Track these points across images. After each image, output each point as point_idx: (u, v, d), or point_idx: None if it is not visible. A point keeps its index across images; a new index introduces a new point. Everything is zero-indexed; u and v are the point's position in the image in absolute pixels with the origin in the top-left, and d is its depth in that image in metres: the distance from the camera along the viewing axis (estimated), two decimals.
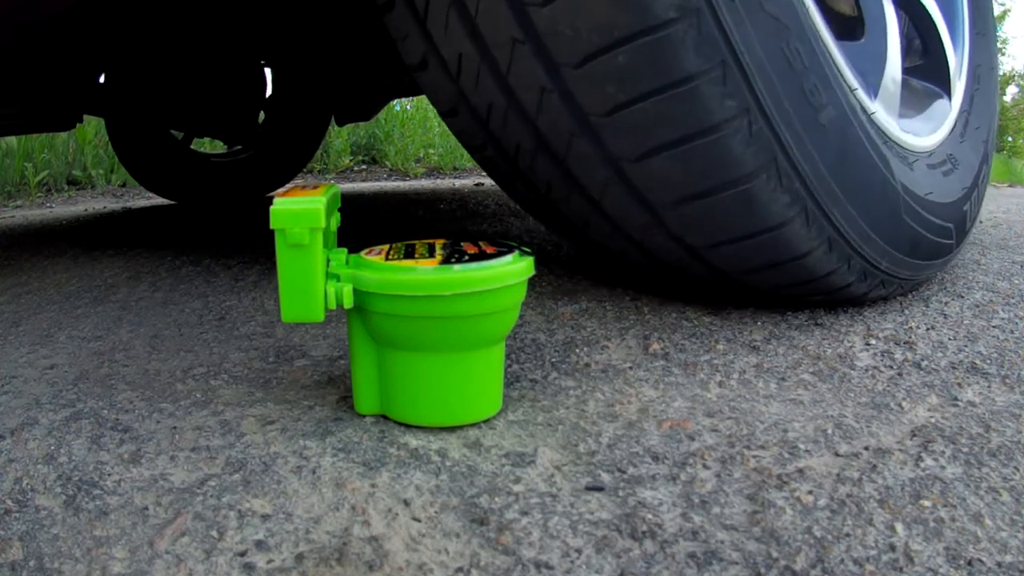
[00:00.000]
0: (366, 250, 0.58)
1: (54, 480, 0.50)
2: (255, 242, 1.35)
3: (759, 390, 0.63)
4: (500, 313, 0.54)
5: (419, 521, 0.45)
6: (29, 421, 0.58)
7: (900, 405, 0.60)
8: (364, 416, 0.58)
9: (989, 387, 0.63)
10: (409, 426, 0.56)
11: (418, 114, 4.05)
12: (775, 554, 0.41)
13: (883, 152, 0.74)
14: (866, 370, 0.67)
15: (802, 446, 0.53)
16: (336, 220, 0.61)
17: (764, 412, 0.58)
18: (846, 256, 0.73)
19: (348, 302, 0.52)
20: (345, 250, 0.58)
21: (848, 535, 0.42)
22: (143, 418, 0.59)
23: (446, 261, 0.52)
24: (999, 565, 0.40)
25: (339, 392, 0.63)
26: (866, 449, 0.52)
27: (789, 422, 0.56)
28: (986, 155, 1.04)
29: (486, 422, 0.57)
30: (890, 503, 0.45)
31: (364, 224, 1.55)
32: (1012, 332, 0.76)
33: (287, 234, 0.50)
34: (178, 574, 0.40)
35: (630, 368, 0.68)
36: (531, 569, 0.40)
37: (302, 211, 0.50)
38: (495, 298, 0.52)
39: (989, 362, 0.68)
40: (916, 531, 0.43)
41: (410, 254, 0.55)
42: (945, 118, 0.96)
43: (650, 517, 0.44)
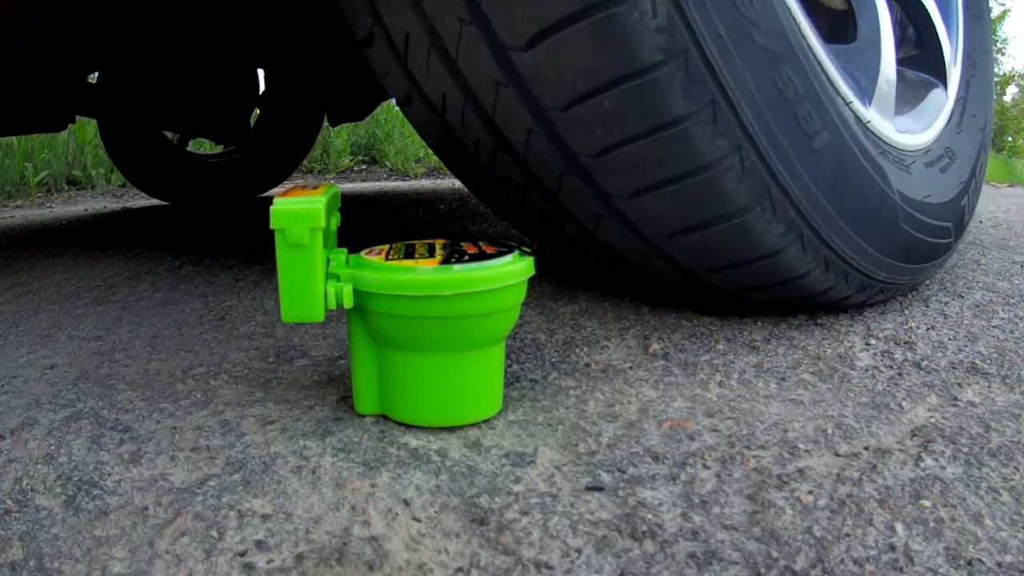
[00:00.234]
0: (366, 250, 0.58)
1: (54, 480, 0.50)
2: (255, 242, 1.35)
3: (759, 390, 0.63)
4: (500, 313, 0.54)
5: (419, 521, 0.45)
6: (29, 421, 0.58)
7: (900, 405, 0.60)
8: (364, 416, 0.58)
9: (989, 387, 0.63)
10: (409, 426, 0.56)
11: None
12: (775, 554, 0.41)
13: (879, 164, 0.73)
14: (866, 370, 0.67)
15: (802, 446, 0.53)
16: (336, 220, 0.61)
17: (764, 412, 0.58)
18: (843, 273, 0.73)
19: (348, 302, 0.52)
20: (345, 250, 0.58)
21: (848, 535, 0.42)
22: (143, 418, 0.59)
23: (446, 261, 0.52)
24: (999, 565, 0.40)
25: (339, 392, 0.63)
26: (866, 449, 0.52)
27: (789, 422, 0.56)
28: (983, 143, 1.03)
29: (486, 422, 0.57)
30: (890, 503, 0.45)
31: (364, 224, 1.55)
32: (1012, 332, 0.76)
33: (287, 234, 0.50)
34: (178, 574, 0.40)
35: (630, 368, 0.68)
36: (531, 569, 0.40)
37: (302, 211, 0.50)
38: (495, 298, 0.52)
39: (989, 362, 0.68)
40: (916, 531, 0.43)
41: (410, 254, 0.55)
42: (941, 109, 0.95)
43: (650, 517, 0.44)
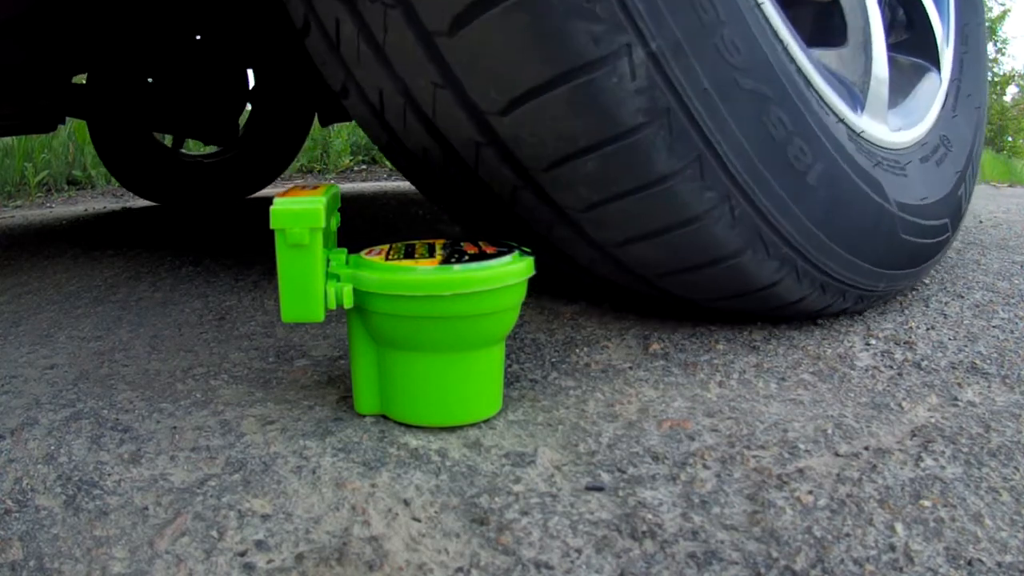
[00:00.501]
0: (366, 250, 0.58)
1: (54, 480, 0.50)
2: (255, 242, 1.35)
3: (759, 390, 0.63)
4: (500, 313, 0.54)
5: (419, 521, 0.45)
6: (29, 421, 0.58)
7: (900, 405, 0.60)
8: (364, 416, 0.58)
9: (989, 387, 0.63)
10: (409, 426, 0.56)
11: None
12: (775, 554, 0.41)
13: (874, 178, 0.72)
14: (866, 370, 0.67)
15: (802, 446, 0.53)
16: (336, 220, 0.61)
17: (764, 412, 0.58)
18: (840, 292, 0.73)
19: (348, 302, 0.52)
20: (345, 250, 0.58)
21: (848, 535, 0.42)
22: (143, 418, 0.59)
23: (446, 261, 0.52)
24: (999, 565, 0.40)
25: (339, 392, 0.63)
26: (866, 449, 0.52)
27: (789, 422, 0.56)
28: (979, 123, 1.00)
29: (486, 422, 0.57)
30: (890, 503, 0.45)
31: (364, 224, 1.55)
32: (1012, 332, 0.76)
33: (287, 234, 0.50)
34: (178, 574, 0.40)
35: (630, 368, 0.68)
36: (531, 569, 0.40)
37: (302, 211, 0.50)
38: (495, 298, 0.52)
39: (989, 362, 0.68)
40: (916, 531, 0.43)
41: (410, 254, 0.55)
42: (935, 95, 0.92)
43: (650, 517, 0.44)
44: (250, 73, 1.99)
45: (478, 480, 0.49)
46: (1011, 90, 13.66)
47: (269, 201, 0.51)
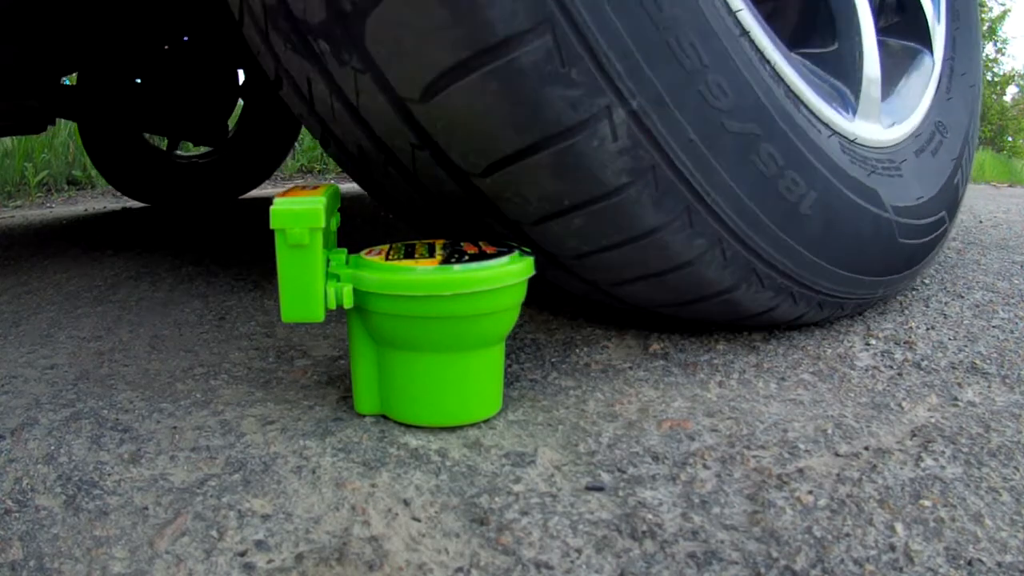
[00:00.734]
0: (366, 250, 0.58)
1: (54, 480, 0.50)
2: (255, 242, 1.35)
3: (759, 390, 0.63)
4: (500, 313, 0.54)
5: (419, 521, 0.45)
6: (29, 421, 0.58)
7: (900, 405, 0.60)
8: (364, 416, 0.58)
9: (989, 387, 0.63)
10: (409, 426, 0.56)
11: None
12: (775, 554, 0.41)
13: (870, 188, 0.70)
14: (866, 370, 0.67)
15: (802, 446, 0.53)
16: (336, 220, 0.61)
17: (764, 412, 0.58)
18: (840, 304, 0.74)
19: (348, 302, 0.52)
20: (345, 250, 0.58)
21: (848, 535, 0.42)
22: (143, 418, 0.59)
23: (446, 261, 0.52)
24: (999, 565, 0.40)
25: (339, 392, 0.63)
26: (866, 449, 0.52)
27: (789, 422, 0.56)
28: (975, 101, 0.97)
29: (486, 422, 0.57)
30: (890, 503, 0.45)
31: (364, 224, 1.55)
32: (1012, 332, 0.76)
33: (287, 234, 0.50)
34: (178, 574, 0.40)
35: (630, 368, 0.68)
36: (531, 569, 0.40)
37: (302, 211, 0.50)
38: (495, 298, 0.52)
39: (989, 362, 0.68)
40: (916, 531, 0.43)
41: (410, 254, 0.55)
42: (929, 79, 0.89)
43: (650, 517, 0.44)
44: (240, 73, 1.99)
45: (478, 480, 0.49)
46: (1011, 90, 13.65)
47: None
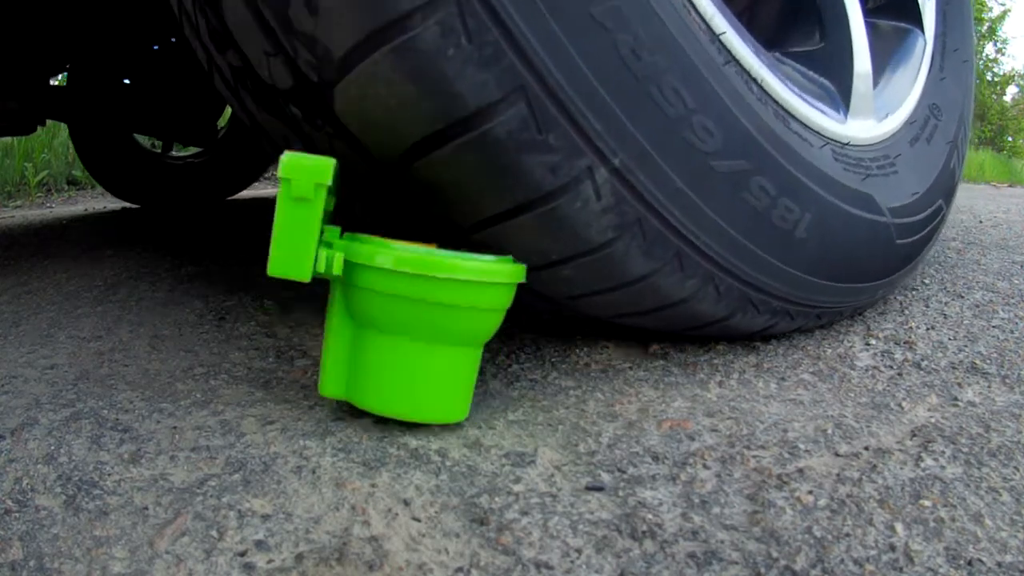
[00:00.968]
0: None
1: (54, 480, 0.50)
2: (254, 242, 1.35)
3: (759, 390, 0.63)
4: (483, 312, 0.53)
5: (419, 521, 0.45)
6: (29, 421, 0.58)
7: (900, 405, 0.60)
8: (332, 401, 0.56)
9: (989, 387, 0.63)
10: (409, 426, 0.56)
11: None
12: (775, 554, 0.41)
13: (866, 194, 0.69)
14: (866, 370, 0.67)
15: (802, 446, 0.53)
16: (333, 201, 0.60)
17: (764, 412, 0.58)
18: (838, 312, 0.74)
19: (338, 269, 0.52)
20: (339, 227, 0.57)
21: (848, 535, 0.42)
22: (143, 418, 0.59)
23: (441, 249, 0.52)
24: (999, 565, 0.40)
25: None
26: (866, 449, 0.52)
27: (789, 422, 0.56)
28: (969, 77, 0.94)
29: (486, 422, 0.57)
30: (890, 503, 0.45)
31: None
32: (1012, 332, 0.76)
33: (292, 185, 0.49)
34: (178, 574, 0.40)
35: (630, 368, 0.68)
36: (531, 569, 0.40)
37: (311, 164, 0.49)
38: (479, 292, 0.52)
39: (989, 362, 0.68)
40: (916, 531, 0.43)
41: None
42: (922, 59, 0.87)
43: (650, 517, 0.44)
44: None
45: (478, 480, 0.49)
46: (1011, 90, 13.65)
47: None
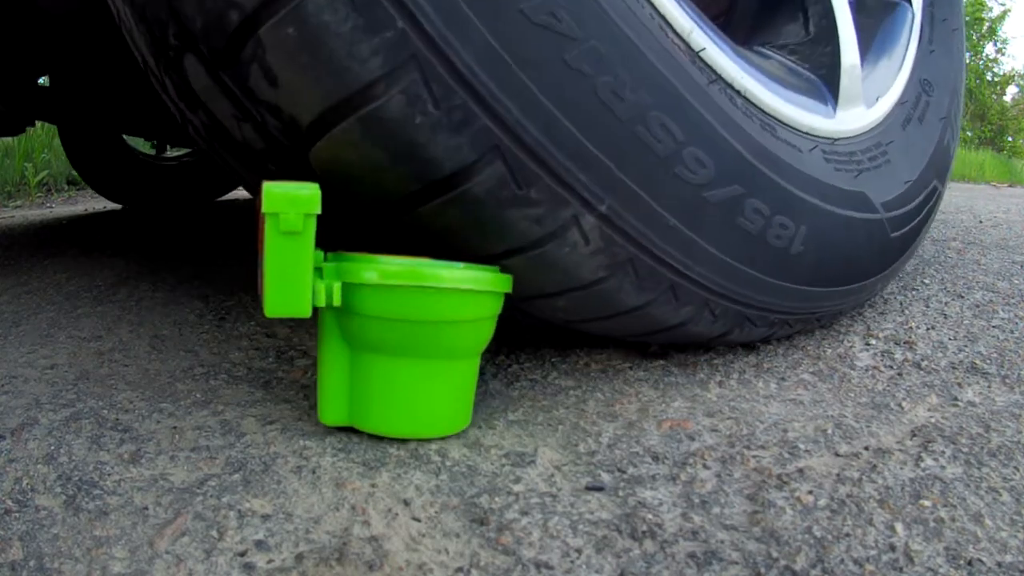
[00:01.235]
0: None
1: (54, 480, 0.50)
2: (254, 243, 1.35)
3: (759, 390, 0.63)
4: (469, 322, 0.52)
5: (419, 521, 0.45)
6: (29, 421, 0.58)
7: (900, 405, 0.60)
8: (330, 427, 0.55)
9: (989, 387, 0.63)
10: None
11: None
12: (775, 554, 0.41)
13: (858, 192, 0.68)
14: (866, 370, 0.67)
15: (802, 446, 0.53)
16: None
17: (764, 412, 0.58)
18: (838, 312, 0.74)
19: (338, 300, 0.50)
20: (321, 251, 0.56)
21: (848, 535, 0.42)
22: (143, 418, 0.59)
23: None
24: (999, 565, 0.40)
25: None
26: (866, 449, 0.52)
27: (789, 422, 0.56)
28: (959, 48, 0.92)
29: (486, 422, 0.57)
30: (890, 503, 0.45)
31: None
32: (1012, 332, 0.76)
33: (280, 219, 0.47)
34: (178, 574, 0.40)
35: (629, 368, 0.68)
36: (531, 569, 0.40)
37: (298, 195, 0.47)
38: (463, 300, 0.51)
39: (989, 362, 0.68)
40: (916, 531, 0.43)
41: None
42: (911, 33, 0.84)
43: (650, 517, 0.44)
44: None
45: (478, 480, 0.49)
46: (1011, 90, 13.65)
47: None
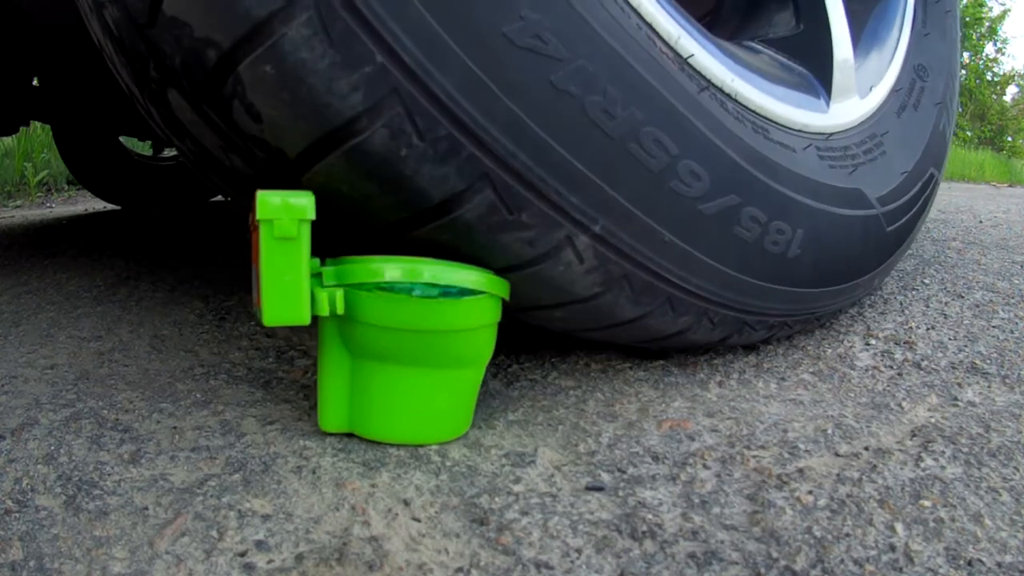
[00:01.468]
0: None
1: (54, 480, 0.50)
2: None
3: (759, 390, 0.63)
4: (467, 331, 0.51)
5: (419, 521, 0.45)
6: (29, 421, 0.58)
7: (900, 405, 0.60)
8: (330, 434, 0.55)
9: (989, 387, 0.63)
10: None
11: None
12: (775, 554, 0.41)
13: (854, 190, 0.68)
14: (866, 370, 0.67)
15: (802, 446, 0.53)
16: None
17: (764, 412, 0.58)
18: (837, 309, 0.74)
19: (341, 308, 0.50)
20: (317, 259, 0.55)
21: (848, 535, 0.42)
22: (143, 418, 0.59)
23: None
24: (999, 565, 0.40)
25: None
26: (866, 449, 0.52)
27: (789, 422, 0.56)
28: (953, 28, 0.90)
29: (486, 422, 0.57)
30: (890, 503, 0.45)
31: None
32: (1012, 332, 0.76)
33: (274, 226, 0.47)
34: (178, 574, 0.40)
35: (629, 368, 0.68)
36: (531, 569, 0.40)
37: (293, 204, 0.47)
38: (458, 309, 0.51)
39: (989, 362, 0.68)
40: (916, 531, 0.43)
41: None
42: (904, 17, 0.83)
43: (650, 517, 0.44)
44: None
45: (478, 480, 0.49)
46: (1011, 90, 13.65)
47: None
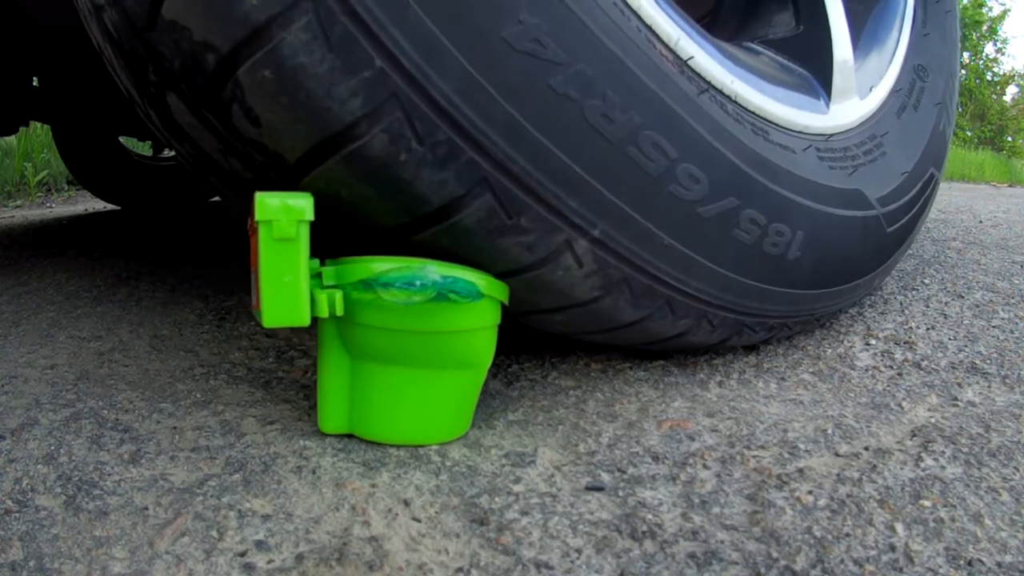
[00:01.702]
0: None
1: (54, 480, 0.50)
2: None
3: (759, 390, 0.63)
4: (465, 332, 0.51)
5: (419, 521, 0.45)
6: (29, 421, 0.58)
7: (900, 405, 0.60)
8: (329, 435, 0.55)
9: (989, 387, 0.63)
10: None
11: None
12: (775, 554, 0.41)
13: (855, 191, 0.68)
14: (866, 370, 0.67)
15: (802, 446, 0.53)
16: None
17: (764, 412, 0.58)
18: (838, 310, 0.74)
19: (340, 309, 0.50)
20: (317, 260, 0.56)
21: (848, 535, 0.42)
22: (143, 418, 0.59)
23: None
24: (999, 565, 0.40)
25: None
26: (866, 449, 0.52)
27: (789, 422, 0.56)
28: (952, 28, 0.90)
29: (486, 422, 0.57)
30: (890, 503, 0.45)
31: None
32: (1012, 332, 0.76)
33: (273, 226, 0.47)
34: (178, 574, 0.40)
35: (629, 368, 0.68)
36: (531, 569, 0.40)
37: (292, 205, 0.47)
38: (455, 311, 0.50)
39: (989, 362, 0.68)
40: (916, 531, 0.43)
41: None
42: (904, 17, 0.83)
43: (650, 517, 0.44)
44: None
45: (478, 480, 0.49)
46: (1011, 90, 13.65)
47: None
